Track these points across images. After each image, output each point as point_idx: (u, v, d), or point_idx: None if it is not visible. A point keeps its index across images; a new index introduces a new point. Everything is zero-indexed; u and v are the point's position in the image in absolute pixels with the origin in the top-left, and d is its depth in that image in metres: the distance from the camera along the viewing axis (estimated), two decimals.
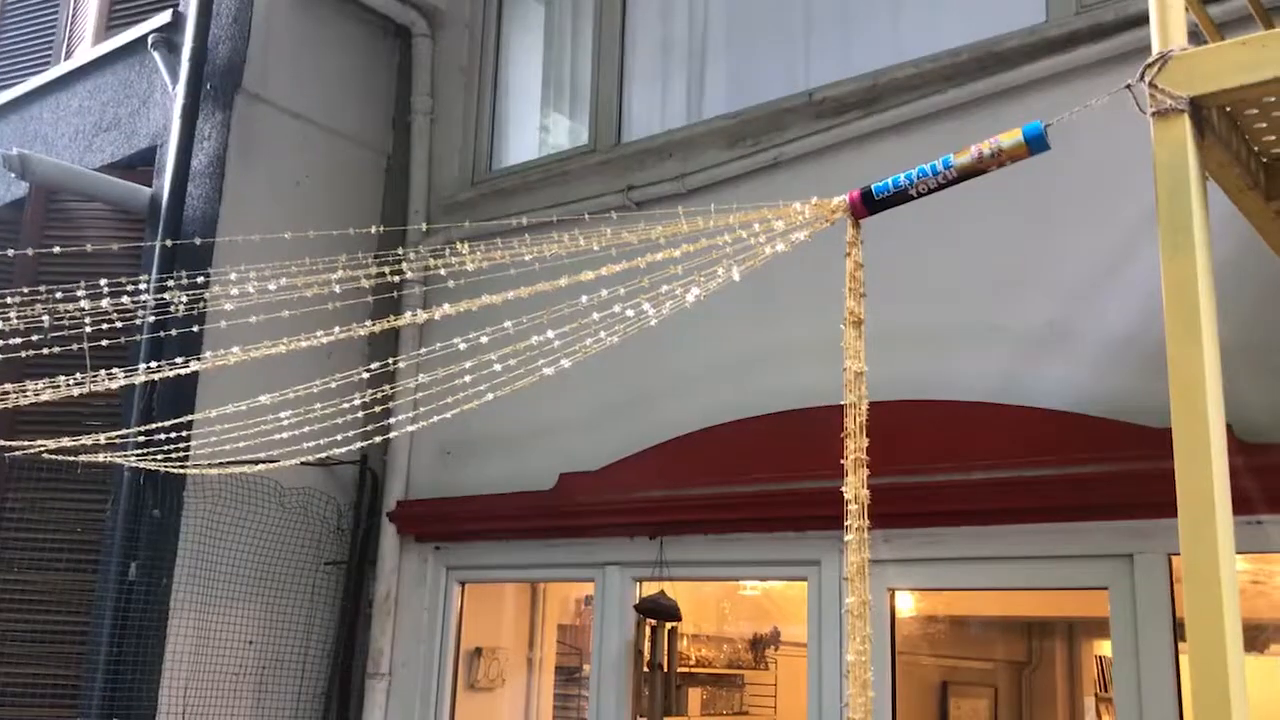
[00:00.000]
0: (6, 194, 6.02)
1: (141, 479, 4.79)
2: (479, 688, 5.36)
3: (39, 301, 3.00)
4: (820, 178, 4.25)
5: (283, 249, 3.24)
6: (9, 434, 4.61)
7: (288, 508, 5.19)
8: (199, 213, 5.14)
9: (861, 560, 2.21)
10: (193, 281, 3.24)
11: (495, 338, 2.84)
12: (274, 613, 5.17)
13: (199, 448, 4.30)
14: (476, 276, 2.74)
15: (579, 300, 2.66)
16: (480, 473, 5.13)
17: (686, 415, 4.50)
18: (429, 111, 5.81)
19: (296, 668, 5.24)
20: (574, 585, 5.85)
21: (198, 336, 4.31)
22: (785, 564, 4.28)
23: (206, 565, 4.91)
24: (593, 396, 4.80)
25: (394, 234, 5.30)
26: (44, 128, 6.12)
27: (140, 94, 5.65)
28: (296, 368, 3.83)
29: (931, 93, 4.12)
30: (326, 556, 5.38)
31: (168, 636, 4.77)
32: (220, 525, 4.95)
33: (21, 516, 5.19)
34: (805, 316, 4.18)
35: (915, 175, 2.20)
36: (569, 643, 6.08)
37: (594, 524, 4.71)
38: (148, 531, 4.84)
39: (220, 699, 4.92)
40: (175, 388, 4.68)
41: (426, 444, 5.32)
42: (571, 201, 5.02)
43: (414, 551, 5.33)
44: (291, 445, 3.83)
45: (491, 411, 3.58)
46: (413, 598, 5.28)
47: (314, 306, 2.92)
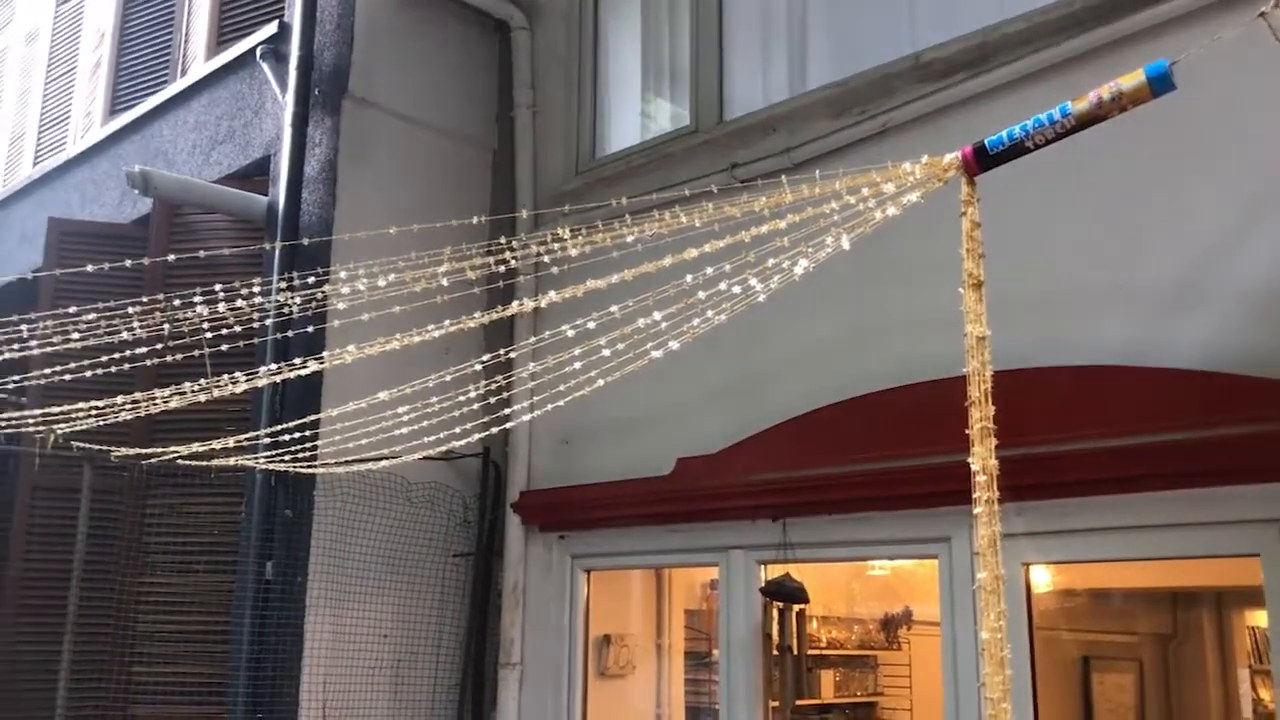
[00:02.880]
0: (133, 210, 6.25)
1: (273, 480, 4.91)
2: (609, 675, 5.37)
3: (162, 311, 3.08)
4: (930, 143, 4.08)
5: (396, 248, 3.27)
6: (146, 442, 4.77)
7: (414, 502, 5.27)
8: (314, 218, 5.25)
9: (993, 534, 2.12)
10: (305, 283, 3.29)
11: (602, 323, 2.81)
12: (406, 606, 5.26)
13: (325, 447, 4.40)
14: (581, 262, 2.72)
15: (684, 280, 2.62)
16: (599, 460, 5.13)
17: (804, 393, 4.41)
18: (531, 104, 5.82)
19: (430, 659, 5.32)
20: (699, 570, 5.82)
21: (320, 337, 4.39)
22: (914, 542, 4.17)
23: (339, 562, 5.01)
24: (705, 378, 4.74)
25: (502, 227, 5.33)
26: (164, 144, 6.33)
27: (252, 105, 5.79)
28: (416, 364, 3.87)
29: (1044, 46, 3.95)
30: (454, 549, 5.45)
31: (305, 633, 4.89)
32: (350, 522, 5.05)
33: (162, 522, 5.37)
34: (925, 283, 4.05)
35: (1031, 126, 2.09)
36: (697, 628, 6.06)
37: (714, 508, 4.66)
38: (281, 531, 4.97)
39: (358, 692, 5.02)
40: (301, 389, 4.78)
41: (545, 434, 5.34)
42: (676, 184, 4.97)
43: (539, 541, 5.36)
44: (413, 440, 3.88)
45: (606, 398, 3.57)
46: (540, 587, 5.31)
47: (424, 301, 2.94)
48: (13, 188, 7.73)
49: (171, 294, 3.16)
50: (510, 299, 3.45)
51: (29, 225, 7.25)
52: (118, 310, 3.15)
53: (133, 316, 3.10)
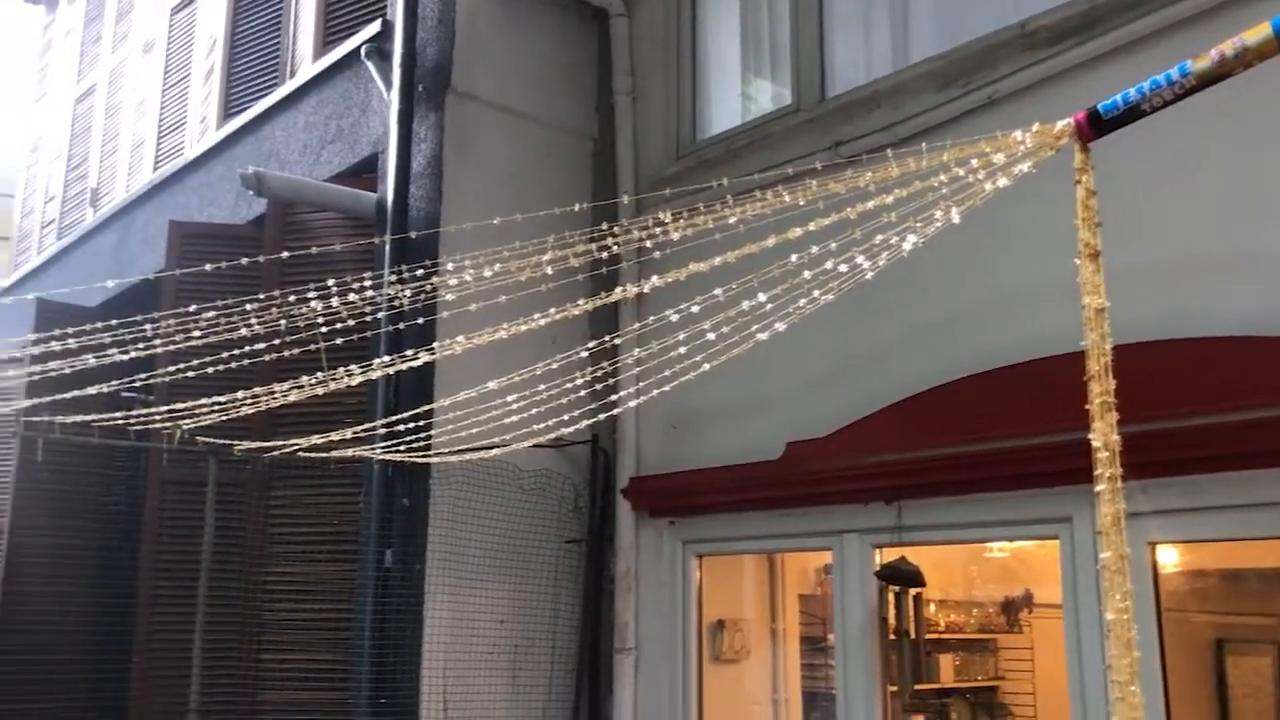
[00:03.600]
0: (249, 211, 6.43)
1: (390, 470, 5.02)
2: (724, 660, 5.37)
3: (279, 308, 3.16)
4: (1039, 113, 3.94)
5: (501, 238, 3.30)
6: (268, 436, 4.92)
7: (527, 489, 5.33)
8: (421, 212, 5.33)
9: (1116, 512, 2.05)
10: (414, 276, 3.34)
11: (707, 306, 2.79)
12: (521, 592, 5.32)
13: (439, 436, 4.47)
14: (684, 245, 2.70)
15: (788, 260, 2.58)
16: (707, 445, 5.12)
17: (916, 373, 4.33)
18: (630, 91, 5.82)
19: (547, 644, 5.38)
20: (812, 554, 5.77)
21: (430, 329, 4.45)
22: (1033, 522, 4.06)
23: (455, 549, 5.09)
24: (814, 360, 4.69)
25: (604, 214, 5.35)
26: (276, 145, 6.50)
27: (359, 104, 5.91)
28: (524, 352, 3.91)
29: (1158, 7, 3.79)
30: (567, 535, 5.50)
31: (425, 619, 4.98)
32: (465, 510, 5.12)
33: (285, 513, 5.54)
34: (1039, 255, 3.93)
35: (1148, 88, 2.00)
36: (812, 612, 6.01)
37: (826, 491, 4.61)
38: (399, 520, 5.07)
39: (477, 677, 5.10)
40: (414, 380, 4.87)
41: (653, 419, 5.34)
42: (778, 164, 4.91)
43: (649, 527, 5.37)
44: (522, 428, 3.92)
45: (713, 382, 3.55)
46: (652, 572, 5.32)
47: (530, 290, 2.96)
48: (135, 193, 8.03)
49: (287, 291, 3.24)
50: (614, 285, 3.45)
51: (151, 229, 7.52)
52: (236, 308, 3.24)
53: (250, 314, 3.19)
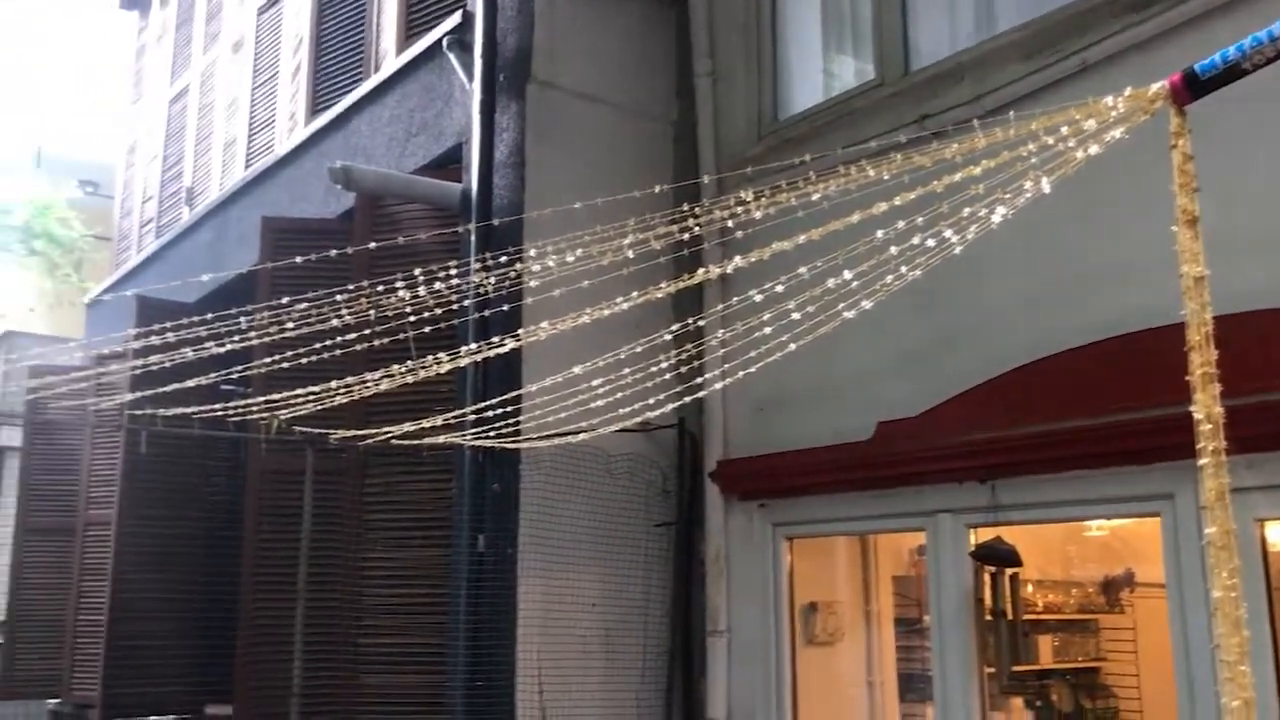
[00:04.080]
0: (338, 205, 6.55)
1: (480, 456, 5.08)
2: (818, 642, 5.33)
3: (368, 298, 3.21)
4: (1132, 79, 3.85)
5: (585, 224, 3.30)
6: (362, 424, 5.01)
7: (614, 474, 5.35)
8: (505, 200, 5.37)
9: (1220, 486, 1.98)
10: (498, 263, 3.37)
11: (791, 285, 2.76)
12: (612, 575, 5.34)
13: (527, 422, 4.51)
14: (767, 224, 2.67)
15: (873, 236, 2.53)
16: (795, 427, 5.08)
17: (1008, 349, 4.24)
18: (710, 73, 5.78)
19: (638, 628, 5.40)
20: (905, 535, 5.69)
21: (516, 316, 4.48)
22: (1134, 499, 3.96)
23: (546, 533, 5.13)
24: (903, 337, 4.62)
25: (686, 196, 5.31)
26: (363, 140, 6.60)
27: (442, 96, 5.97)
28: (609, 337, 3.91)
29: None
30: (656, 519, 5.51)
31: (518, 602, 5.03)
32: (554, 494, 5.16)
33: (380, 499, 5.64)
34: (1135, 224, 3.81)
35: (1248, 45, 1.92)
36: (906, 594, 5.93)
37: (919, 471, 4.54)
38: (491, 505, 5.14)
39: (570, 660, 5.14)
40: (502, 367, 4.91)
41: (740, 401, 5.32)
42: (862, 141, 4.84)
43: (739, 510, 5.36)
44: (609, 413, 3.93)
45: (800, 362, 3.52)
46: (743, 555, 5.31)
47: (613, 274, 2.96)
48: (228, 191, 8.23)
49: (376, 281, 3.29)
50: (697, 267, 3.43)
51: (244, 225, 7.69)
52: (327, 300, 3.30)
53: (341, 305, 3.25)
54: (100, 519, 7.75)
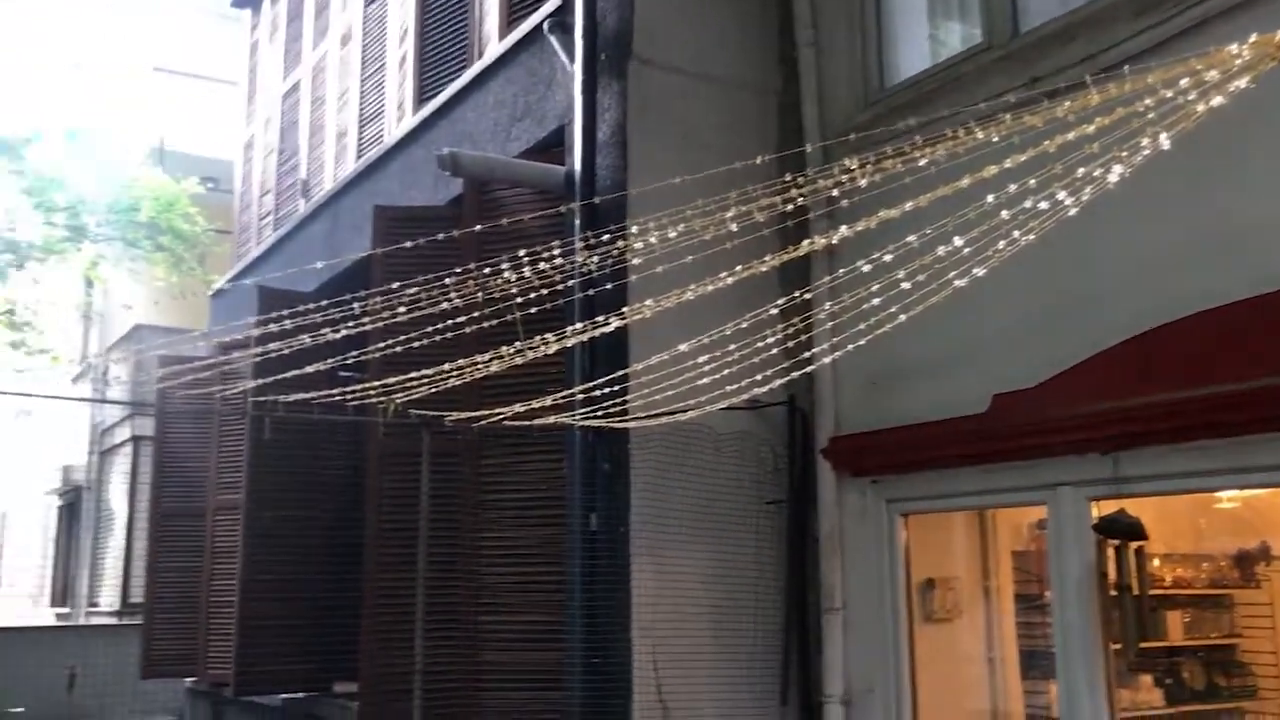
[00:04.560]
0: (447, 192, 6.65)
1: (590, 435, 5.11)
2: (936, 619, 5.25)
3: (475, 280, 3.25)
4: (1260, 29, 3.67)
5: (689, 199, 3.28)
6: (476, 406, 5.08)
7: (724, 452, 5.34)
8: (609, 181, 5.38)
9: None
10: (600, 241, 3.38)
11: (900, 254, 2.70)
12: (724, 553, 5.34)
13: (635, 400, 4.52)
14: (873, 192, 2.62)
15: (984, 201, 2.46)
16: (908, 401, 4.99)
17: (1131, 315, 4.09)
18: (813, 43, 5.69)
19: (752, 605, 5.39)
20: (1024, 510, 5.56)
21: (622, 294, 4.49)
22: (1267, 469, 3.79)
23: (657, 511, 5.15)
24: (1018, 305, 4.49)
25: (792, 168, 5.24)
26: (469, 126, 6.69)
27: (544, 79, 6.00)
28: (716, 313, 3.89)
29: None
30: (767, 496, 5.48)
31: (632, 580, 5.06)
32: (664, 473, 5.17)
33: (496, 480, 5.73)
34: (1267, 181, 3.63)
35: None
36: (1026, 569, 5.80)
37: (1037, 444, 4.42)
38: (601, 484, 5.17)
39: (685, 637, 5.15)
40: (609, 346, 4.93)
41: (851, 376, 5.25)
42: (971, 105, 4.71)
43: (851, 486, 5.30)
44: (716, 390, 3.92)
45: (911, 334, 3.45)
46: (857, 532, 5.25)
47: (716, 249, 2.94)
48: (341, 182, 8.42)
49: (483, 264, 3.33)
50: (803, 239, 3.38)
51: (358, 214, 7.87)
52: (437, 283, 3.35)
53: (450, 288, 3.29)
54: (229, 503, 8.05)
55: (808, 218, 4.62)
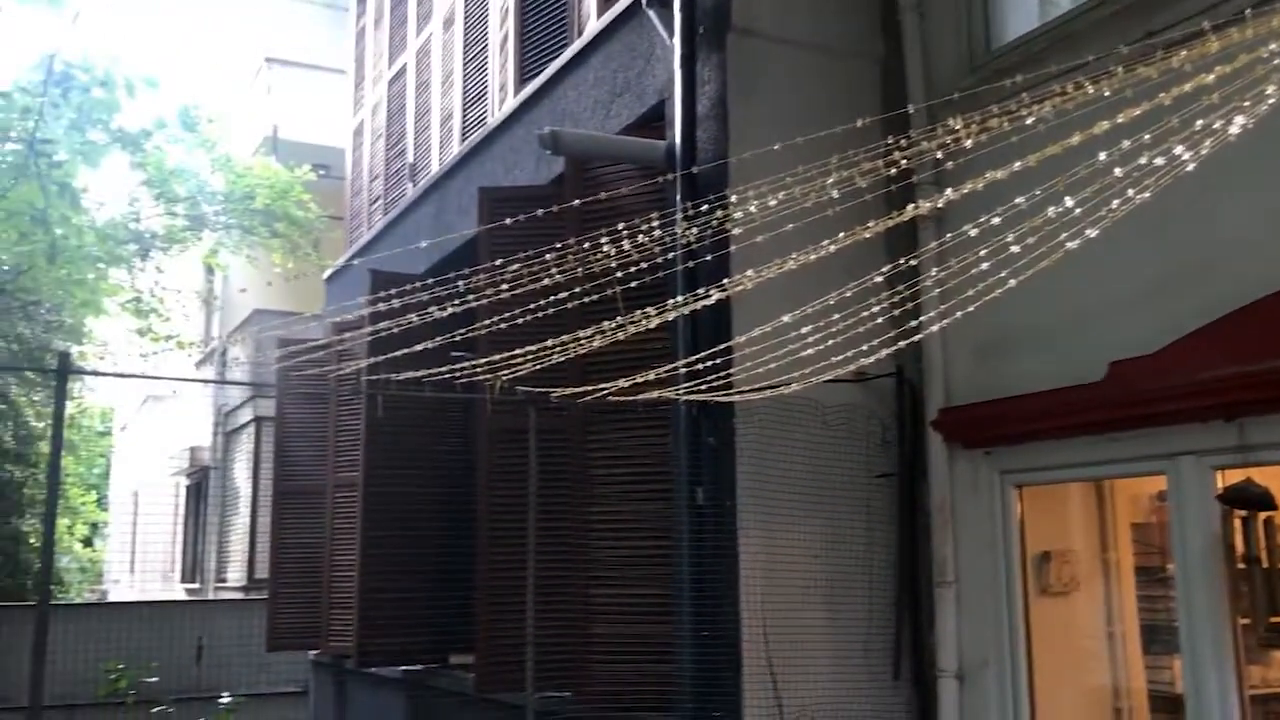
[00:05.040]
0: (549, 171, 6.70)
1: (694, 410, 5.11)
2: (1052, 592, 5.13)
3: (575, 255, 3.27)
4: None
5: (791, 168, 3.24)
6: (581, 382, 5.12)
7: (830, 425, 5.29)
8: (709, 154, 5.35)
9: None
10: (700, 211, 3.37)
11: (1009, 217, 2.63)
12: (834, 527, 5.29)
13: (739, 374, 4.50)
14: (979, 153, 2.55)
15: (1096, 158, 2.37)
16: (1020, 370, 4.87)
17: (1253, 276, 3.91)
18: (916, 6, 5.56)
19: (863, 579, 5.34)
20: (1144, 480, 5.39)
21: (723, 267, 4.47)
22: None
23: (764, 485, 5.13)
24: (1134, 268, 4.34)
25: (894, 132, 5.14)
26: (570, 105, 6.71)
27: (643, 54, 5.99)
28: (820, 283, 3.84)
29: None
30: (876, 469, 5.41)
31: (740, 554, 5.05)
32: (770, 447, 5.14)
33: (602, 455, 5.77)
34: None
35: None
36: (1146, 541, 5.62)
37: (1157, 412, 4.28)
38: (707, 458, 5.17)
39: (795, 611, 5.13)
40: (712, 319, 4.92)
41: (960, 345, 5.14)
42: (1084, 63, 4.55)
43: (963, 458, 5.20)
44: (821, 361, 3.87)
45: (1022, 300, 3.36)
46: (969, 504, 5.16)
47: (817, 216, 2.90)
48: (447, 164, 8.55)
49: (583, 239, 3.35)
50: (908, 204, 3.31)
51: (464, 197, 7.98)
52: (539, 260, 3.38)
53: (552, 264, 3.32)
54: (347, 481, 8.27)
55: (913, 182, 4.52)
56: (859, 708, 5.17)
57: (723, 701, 4.97)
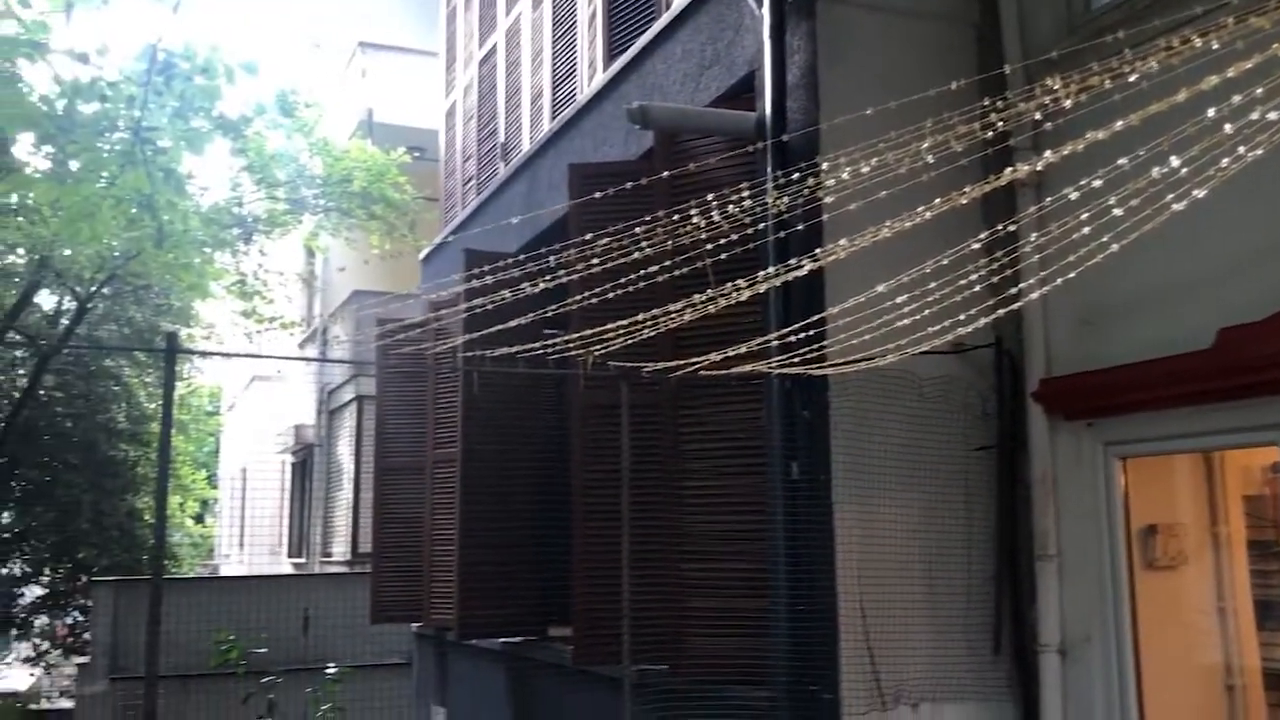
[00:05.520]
0: (638, 147, 6.69)
1: (788, 383, 5.07)
2: (1158, 566, 5.00)
3: (664, 228, 3.27)
4: None
5: (883, 134, 3.18)
6: (673, 357, 5.12)
7: (927, 397, 5.21)
8: (799, 124, 5.28)
9: None
10: (790, 180, 3.33)
11: (1111, 178, 2.54)
12: (931, 501, 5.23)
13: (832, 346, 4.45)
14: (1080, 113, 2.47)
15: (1203, 115, 2.28)
16: (1124, 338, 4.74)
17: None
18: None
19: (962, 553, 5.26)
20: (1255, 451, 5.21)
21: (816, 236, 4.41)
22: None
23: (860, 459, 5.08)
24: (1245, 230, 4.17)
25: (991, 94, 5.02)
26: (658, 79, 6.69)
27: (732, 25, 5.94)
28: (915, 251, 3.77)
29: None
30: (975, 442, 5.32)
31: (835, 529, 5.02)
32: (866, 420, 5.09)
33: (694, 429, 5.76)
34: None
35: None
36: (1259, 515, 5.44)
37: (1269, 380, 4.13)
38: (802, 432, 5.13)
39: (892, 586, 5.08)
40: (805, 290, 4.86)
41: (1061, 314, 5.02)
42: (1192, 16, 4.38)
43: (1064, 430, 5.08)
44: (917, 332, 3.81)
45: (1126, 265, 3.26)
46: (1071, 477, 5.04)
47: (912, 182, 2.85)
48: (537, 143, 8.59)
49: (673, 210, 3.33)
50: (1005, 168, 3.22)
51: (555, 174, 8.02)
52: (629, 234, 3.38)
53: (641, 237, 3.32)
54: (446, 457, 8.40)
55: (1010, 145, 4.40)
56: (958, 682, 5.11)
57: (819, 676, 4.96)
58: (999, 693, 5.18)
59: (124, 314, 18.33)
